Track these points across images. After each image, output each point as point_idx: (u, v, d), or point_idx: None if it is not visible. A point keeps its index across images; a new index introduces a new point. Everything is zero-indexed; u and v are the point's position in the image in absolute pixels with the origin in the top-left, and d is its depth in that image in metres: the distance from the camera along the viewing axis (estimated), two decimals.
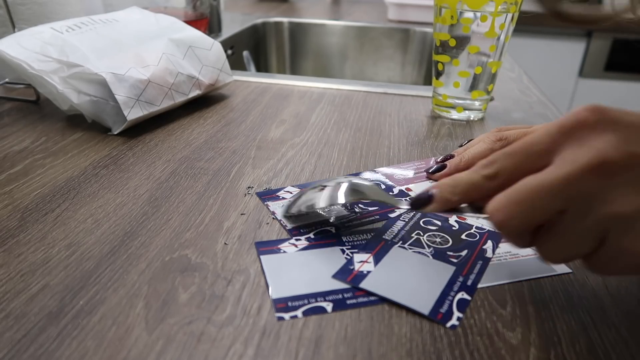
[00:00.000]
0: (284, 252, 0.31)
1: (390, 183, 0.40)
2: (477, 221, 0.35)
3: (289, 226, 0.34)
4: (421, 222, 0.35)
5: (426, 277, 0.29)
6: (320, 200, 0.33)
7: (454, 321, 0.26)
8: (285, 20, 1.12)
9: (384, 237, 0.33)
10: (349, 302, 0.27)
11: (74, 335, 0.24)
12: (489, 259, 0.31)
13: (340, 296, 0.27)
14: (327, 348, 0.24)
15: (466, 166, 0.38)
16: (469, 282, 0.29)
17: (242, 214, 0.35)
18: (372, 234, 0.33)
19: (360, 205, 0.37)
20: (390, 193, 0.38)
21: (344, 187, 0.33)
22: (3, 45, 0.47)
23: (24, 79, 0.49)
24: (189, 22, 0.63)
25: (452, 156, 0.40)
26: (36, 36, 0.48)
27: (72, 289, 0.27)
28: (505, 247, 0.32)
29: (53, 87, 0.46)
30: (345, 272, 0.29)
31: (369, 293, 0.28)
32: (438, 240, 0.33)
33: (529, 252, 0.32)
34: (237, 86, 0.64)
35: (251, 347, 0.24)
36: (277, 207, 0.36)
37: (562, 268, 0.31)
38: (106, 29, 0.52)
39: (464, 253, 0.31)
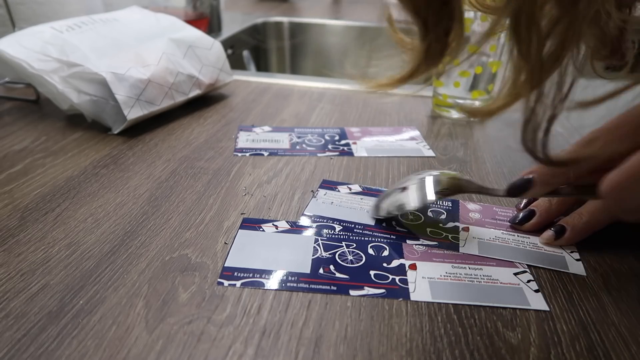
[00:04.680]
0: (263, 230, 0.33)
1: (460, 217, 0.36)
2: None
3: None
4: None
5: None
6: (411, 201, 0.33)
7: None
8: (285, 20, 1.12)
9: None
10: (289, 284, 0.28)
11: (74, 335, 0.24)
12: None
13: (284, 277, 0.29)
14: (327, 348, 0.24)
15: (558, 209, 0.34)
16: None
17: (242, 214, 0.35)
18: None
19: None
20: (442, 224, 0.35)
21: (429, 182, 0.33)
22: (3, 45, 0.47)
23: (24, 78, 0.49)
24: (189, 22, 0.63)
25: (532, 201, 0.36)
26: (36, 35, 0.48)
27: (72, 288, 0.27)
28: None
29: (53, 87, 0.46)
30: (330, 182, 0.37)
31: (309, 280, 0.29)
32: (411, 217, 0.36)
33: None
34: (237, 86, 0.64)
35: (251, 346, 0.24)
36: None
37: (577, 269, 0.31)
38: (106, 29, 0.52)
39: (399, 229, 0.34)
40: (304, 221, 0.34)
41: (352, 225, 0.34)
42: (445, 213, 0.36)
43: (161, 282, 0.28)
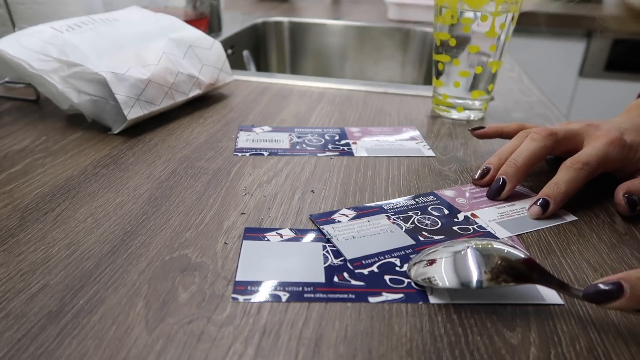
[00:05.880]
0: (267, 240, 0.32)
1: (455, 207, 0.37)
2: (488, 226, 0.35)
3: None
4: (429, 208, 0.37)
5: (378, 242, 0.32)
6: (439, 280, 0.27)
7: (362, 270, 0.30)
8: (285, 20, 1.12)
9: (383, 206, 0.37)
10: (305, 295, 0.28)
11: (74, 335, 0.24)
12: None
13: (299, 289, 0.28)
14: (327, 348, 0.24)
15: (525, 169, 0.39)
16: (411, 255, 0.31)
17: (242, 214, 0.35)
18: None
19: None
20: (456, 219, 0.36)
21: (471, 261, 0.27)
22: (3, 45, 0.47)
23: (24, 78, 0.49)
24: (189, 22, 0.63)
25: (489, 169, 0.41)
26: (36, 35, 0.48)
27: (72, 288, 0.27)
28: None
29: (53, 87, 0.46)
30: (322, 216, 0.35)
31: (326, 290, 0.28)
32: (428, 222, 0.35)
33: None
34: (237, 86, 0.64)
35: (251, 346, 0.24)
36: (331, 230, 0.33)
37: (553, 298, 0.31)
38: (106, 29, 0.52)
39: (438, 237, 0.33)
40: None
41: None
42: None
43: (161, 282, 0.28)
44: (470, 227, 0.35)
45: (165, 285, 0.28)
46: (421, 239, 0.33)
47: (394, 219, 0.35)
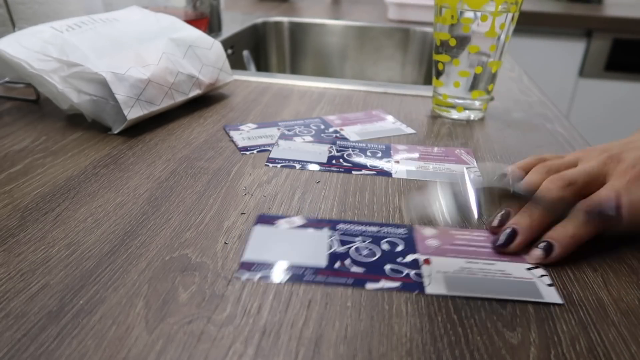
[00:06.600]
0: (278, 226, 0.34)
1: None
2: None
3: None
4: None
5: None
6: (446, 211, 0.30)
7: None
8: (285, 20, 1.12)
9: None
10: (305, 278, 0.29)
11: (74, 335, 0.24)
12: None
13: (301, 272, 0.29)
14: (327, 348, 0.24)
15: (540, 223, 0.33)
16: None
17: (242, 214, 0.35)
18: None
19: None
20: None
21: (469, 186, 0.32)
22: (3, 45, 0.47)
23: (24, 78, 0.49)
24: (189, 22, 0.63)
25: (508, 214, 0.35)
26: (36, 35, 0.48)
27: (72, 288, 0.27)
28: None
29: (53, 87, 0.46)
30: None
31: (327, 274, 0.29)
32: None
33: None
34: (237, 86, 0.64)
35: (251, 346, 0.24)
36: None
37: (551, 296, 0.31)
38: (106, 28, 0.52)
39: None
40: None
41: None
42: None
43: (161, 282, 0.28)
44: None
45: (165, 285, 0.28)
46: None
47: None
